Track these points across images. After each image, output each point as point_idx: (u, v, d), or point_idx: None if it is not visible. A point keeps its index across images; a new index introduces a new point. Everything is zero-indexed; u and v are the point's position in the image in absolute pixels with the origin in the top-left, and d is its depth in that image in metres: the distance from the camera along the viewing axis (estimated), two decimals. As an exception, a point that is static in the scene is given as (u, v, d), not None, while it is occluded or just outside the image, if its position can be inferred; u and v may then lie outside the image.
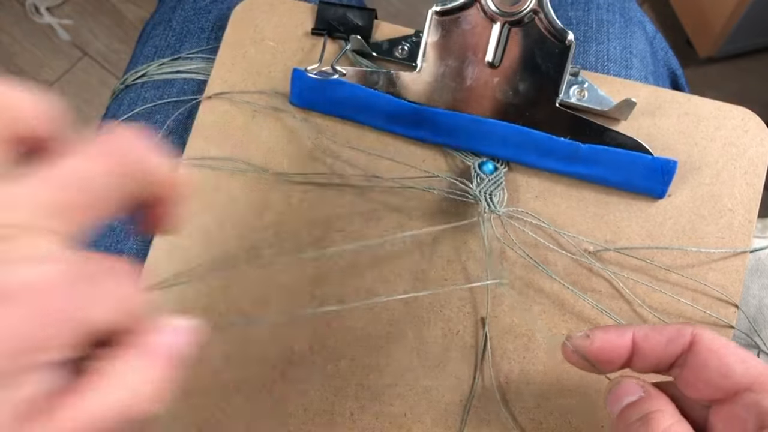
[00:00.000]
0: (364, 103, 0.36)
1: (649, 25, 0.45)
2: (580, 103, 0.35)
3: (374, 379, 0.34)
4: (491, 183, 0.35)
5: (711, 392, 0.23)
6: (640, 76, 0.41)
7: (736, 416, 0.23)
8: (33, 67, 1.16)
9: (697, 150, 0.35)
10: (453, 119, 0.35)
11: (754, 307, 0.40)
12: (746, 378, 0.22)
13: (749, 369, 0.22)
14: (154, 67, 0.43)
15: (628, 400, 0.24)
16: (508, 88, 0.35)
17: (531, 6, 0.34)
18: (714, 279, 0.34)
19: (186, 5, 0.45)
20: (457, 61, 0.36)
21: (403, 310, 0.35)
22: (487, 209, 0.34)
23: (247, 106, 0.38)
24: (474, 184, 0.35)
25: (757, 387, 0.22)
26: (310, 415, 0.34)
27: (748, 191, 0.35)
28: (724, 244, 0.34)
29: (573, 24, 0.43)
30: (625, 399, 0.24)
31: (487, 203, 0.34)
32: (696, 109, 0.36)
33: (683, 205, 0.35)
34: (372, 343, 0.34)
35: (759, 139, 0.35)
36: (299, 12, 0.39)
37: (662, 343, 0.24)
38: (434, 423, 0.33)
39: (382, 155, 0.36)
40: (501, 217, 0.35)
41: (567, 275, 0.34)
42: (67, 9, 1.19)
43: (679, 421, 0.23)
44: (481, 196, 0.34)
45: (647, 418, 0.23)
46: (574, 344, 0.25)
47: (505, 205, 0.35)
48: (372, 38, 0.38)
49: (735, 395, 0.23)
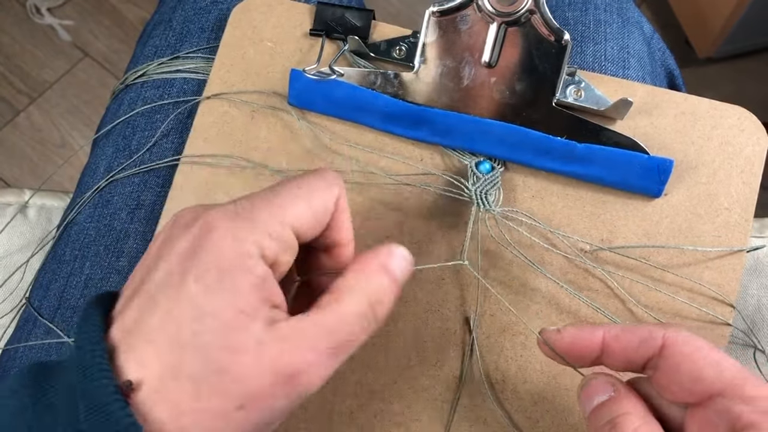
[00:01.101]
0: (362, 104, 0.36)
1: (646, 26, 0.46)
2: (577, 102, 0.36)
3: (373, 377, 0.34)
4: (487, 182, 0.35)
5: (684, 396, 0.23)
6: (637, 76, 0.41)
7: (710, 421, 0.22)
8: (33, 68, 1.16)
9: (693, 149, 0.36)
10: (450, 119, 0.36)
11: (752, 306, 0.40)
12: (718, 383, 0.22)
13: (722, 373, 0.22)
14: (153, 66, 0.43)
15: (598, 400, 0.24)
16: (505, 88, 0.36)
17: (527, 6, 0.34)
18: (710, 278, 0.34)
19: (186, 5, 0.45)
20: (454, 61, 0.36)
21: (401, 310, 0.35)
22: (482, 208, 0.35)
23: (246, 107, 0.38)
24: (470, 183, 0.35)
25: (728, 392, 0.22)
26: (310, 414, 0.34)
27: (744, 190, 0.35)
28: (720, 243, 0.34)
29: (570, 24, 0.43)
30: (595, 398, 0.24)
31: (482, 202, 0.34)
32: (692, 108, 0.36)
33: (680, 204, 0.35)
34: (371, 341, 0.35)
35: (755, 138, 0.35)
36: (297, 13, 0.39)
37: (634, 343, 0.24)
38: (431, 421, 0.34)
39: (381, 154, 0.37)
40: (496, 216, 0.35)
41: (563, 274, 0.34)
42: (68, 10, 1.19)
43: (647, 422, 0.23)
44: (476, 195, 0.35)
45: (614, 422, 0.23)
46: (545, 337, 0.26)
47: (500, 205, 0.35)
48: (370, 39, 0.38)
49: (708, 399, 0.22)
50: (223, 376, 0.20)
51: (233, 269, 0.20)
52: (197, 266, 0.20)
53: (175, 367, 0.20)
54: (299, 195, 0.23)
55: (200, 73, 0.41)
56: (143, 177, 0.40)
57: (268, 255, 0.21)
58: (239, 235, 0.21)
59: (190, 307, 0.20)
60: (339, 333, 0.22)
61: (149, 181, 0.40)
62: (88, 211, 0.40)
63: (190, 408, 0.20)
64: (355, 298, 0.22)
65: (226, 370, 0.20)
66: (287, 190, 0.23)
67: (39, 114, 1.14)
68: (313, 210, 0.23)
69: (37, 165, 1.11)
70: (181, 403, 0.20)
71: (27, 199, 0.48)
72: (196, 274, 0.20)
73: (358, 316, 0.22)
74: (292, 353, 0.20)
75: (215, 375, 0.20)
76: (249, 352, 0.20)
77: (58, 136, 1.13)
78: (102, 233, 0.39)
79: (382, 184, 0.36)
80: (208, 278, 0.20)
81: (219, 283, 0.20)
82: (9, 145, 1.12)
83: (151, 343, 0.20)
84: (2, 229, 0.46)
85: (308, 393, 0.21)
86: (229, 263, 0.20)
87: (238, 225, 0.21)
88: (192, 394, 0.20)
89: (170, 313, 0.20)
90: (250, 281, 0.21)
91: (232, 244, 0.21)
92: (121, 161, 0.40)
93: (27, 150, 1.12)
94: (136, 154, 0.40)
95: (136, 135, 0.41)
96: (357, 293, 0.22)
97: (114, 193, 0.40)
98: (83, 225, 0.40)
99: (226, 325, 0.20)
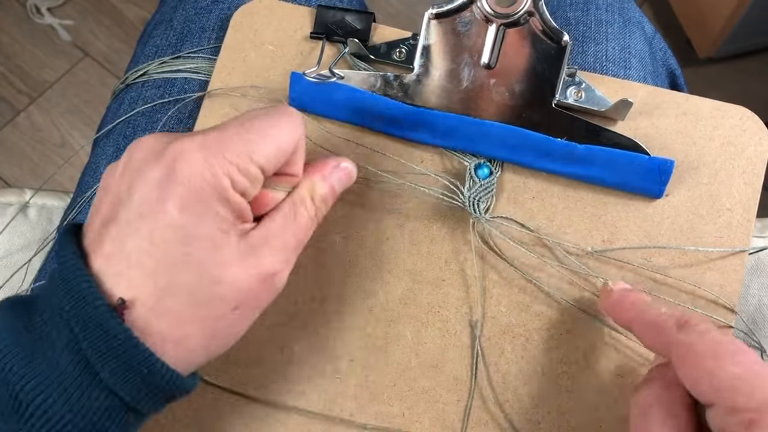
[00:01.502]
0: (362, 106, 0.36)
1: (647, 26, 0.45)
2: (577, 103, 0.35)
3: (373, 379, 0.34)
4: (481, 189, 0.35)
5: (695, 395, 0.24)
6: (638, 76, 0.41)
7: (713, 424, 0.23)
8: (33, 68, 1.16)
9: (695, 149, 0.35)
10: (450, 121, 0.36)
11: (753, 306, 0.40)
12: (710, 394, 0.23)
13: (714, 383, 0.23)
14: (154, 66, 0.43)
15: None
16: (504, 89, 0.36)
17: (526, 7, 0.34)
18: (712, 279, 0.34)
19: (187, 5, 0.45)
20: (453, 63, 0.36)
21: (401, 311, 0.35)
22: (473, 216, 0.35)
23: (246, 108, 0.38)
24: (466, 188, 0.35)
25: (719, 402, 0.22)
26: (309, 416, 0.34)
27: (746, 190, 0.35)
28: (722, 244, 0.34)
29: (572, 24, 0.43)
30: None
31: (474, 209, 0.34)
32: (694, 108, 0.36)
33: (681, 205, 0.35)
34: (371, 343, 0.35)
35: (757, 138, 0.35)
36: (298, 16, 0.39)
37: (651, 336, 0.27)
38: (432, 423, 0.34)
39: (381, 156, 0.37)
40: (484, 224, 0.35)
41: (561, 278, 0.34)
42: (68, 9, 1.19)
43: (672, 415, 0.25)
44: (469, 202, 0.35)
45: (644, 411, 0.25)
46: (602, 289, 0.32)
47: (492, 212, 0.35)
48: (370, 41, 0.38)
49: (709, 405, 0.23)
50: (218, 286, 0.23)
51: (210, 198, 0.23)
52: (174, 193, 0.22)
53: (169, 284, 0.22)
54: (270, 134, 0.25)
55: (201, 73, 0.41)
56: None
57: (237, 187, 0.24)
58: (212, 166, 0.23)
59: (174, 230, 0.22)
60: (299, 234, 0.26)
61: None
62: (89, 210, 0.40)
63: (191, 316, 0.23)
64: (306, 203, 0.27)
65: (220, 280, 0.23)
66: (258, 127, 0.25)
67: (39, 114, 1.14)
68: (282, 150, 0.25)
69: (37, 165, 1.11)
70: (180, 314, 0.23)
71: (28, 199, 0.48)
72: (175, 202, 0.22)
73: (309, 219, 0.27)
74: (270, 258, 0.25)
75: (211, 286, 0.23)
76: (235, 263, 0.23)
77: (58, 135, 1.13)
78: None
79: (383, 186, 0.36)
80: (188, 205, 0.23)
81: (199, 209, 0.23)
82: (9, 145, 1.12)
83: (139, 265, 0.22)
84: (3, 229, 0.46)
85: (282, 287, 0.26)
86: (206, 192, 0.23)
87: (210, 156, 0.23)
88: (191, 304, 0.23)
89: (153, 237, 0.22)
90: (226, 207, 0.23)
91: (206, 173, 0.23)
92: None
93: (27, 150, 1.12)
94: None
95: (136, 135, 0.41)
96: (306, 199, 0.27)
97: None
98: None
99: (212, 244, 0.23)
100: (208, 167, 0.23)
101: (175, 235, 0.22)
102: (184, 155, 0.23)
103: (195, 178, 0.23)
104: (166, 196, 0.22)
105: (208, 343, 0.24)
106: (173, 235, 0.22)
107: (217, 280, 0.23)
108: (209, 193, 0.23)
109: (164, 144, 0.24)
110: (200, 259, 0.23)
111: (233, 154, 0.23)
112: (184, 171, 0.23)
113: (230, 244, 0.23)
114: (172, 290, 0.22)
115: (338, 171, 0.29)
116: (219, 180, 0.23)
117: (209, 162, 0.23)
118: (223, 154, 0.23)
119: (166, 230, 0.22)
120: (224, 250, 0.23)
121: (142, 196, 0.23)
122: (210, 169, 0.23)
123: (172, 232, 0.22)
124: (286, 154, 0.26)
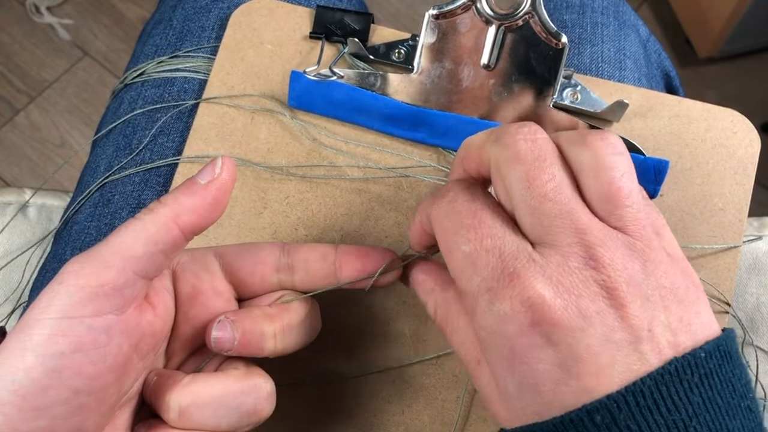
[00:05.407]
0: (361, 105, 0.37)
1: (642, 29, 0.46)
2: (573, 105, 0.36)
3: (372, 377, 0.35)
4: None
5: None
6: (633, 77, 0.42)
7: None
8: (33, 67, 1.16)
9: (688, 151, 0.36)
10: (449, 121, 0.36)
11: (751, 304, 0.41)
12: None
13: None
14: (153, 65, 0.43)
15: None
16: (503, 89, 0.36)
17: (525, 9, 0.35)
18: (705, 277, 0.34)
19: (186, 4, 0.45)
20: (453, 63, 0.36)
21: (400, 309, 0.35)
22: None
23: (245, 108, 0.38)
24: None
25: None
26: (309, 414, 0.34)
27: (738, 191, 0.35)
28: (715, 243, 0.35)
29: (568, 26, 0.43)
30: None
31: None
32: (686, 111, 0.37)
33: (675, 205, 0.35)
34: (370, 340, 0.35)
35: (748, 140, 0.36)
36: (297, 16, 0.40)
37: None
38: (432, 420, 0.34)
39: (381, 155, 0.37)
40: None
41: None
42: (68, 9, 1.19)
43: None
44: None
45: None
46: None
47: None
48: (369, 42, 0.39)
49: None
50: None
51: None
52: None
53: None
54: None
55: (200, 72, 0.42)
56: (144, 176, 0.40)
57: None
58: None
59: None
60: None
61: (150, 180, 0.40)
62: (89, 210, 0.40)
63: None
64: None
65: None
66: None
67: (38, 113, 1.14)
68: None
69: (36, 164, 1.11)
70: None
71: (27, 198, 0.48)
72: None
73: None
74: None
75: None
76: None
77: (57, 135, 1.13)
78: (103, 232, 0.40)
79: (381, 184, 0.37)
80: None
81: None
82: (8, 145, 1.12)
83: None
84: (3, 228, 0.47)
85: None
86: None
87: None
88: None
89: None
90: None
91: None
92: (121, 160, 0.41)
93: (26, 149, 1.12)
94: (136, 154, 0.41)
95: (136, 134, 0.41)
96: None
97: (114, 192, 0.40)
98: (84, 224, 0.40)
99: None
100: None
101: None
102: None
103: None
104: None
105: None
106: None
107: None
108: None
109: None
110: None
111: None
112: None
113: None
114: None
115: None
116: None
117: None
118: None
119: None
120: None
121: None
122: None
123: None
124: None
